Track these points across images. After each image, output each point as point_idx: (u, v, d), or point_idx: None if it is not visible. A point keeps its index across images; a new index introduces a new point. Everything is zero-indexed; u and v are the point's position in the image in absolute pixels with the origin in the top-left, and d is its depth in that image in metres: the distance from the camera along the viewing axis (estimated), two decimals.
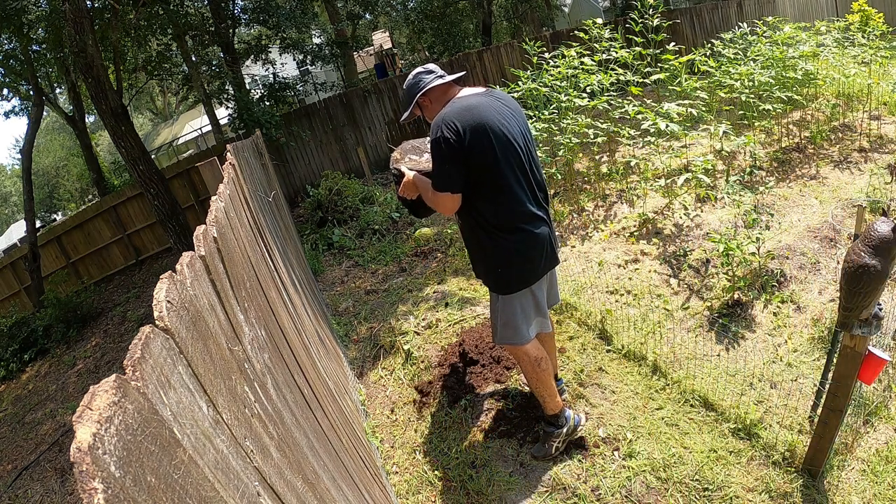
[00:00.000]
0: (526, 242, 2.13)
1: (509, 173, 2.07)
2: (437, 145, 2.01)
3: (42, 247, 9.57)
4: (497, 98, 2.18)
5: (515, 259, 2.14)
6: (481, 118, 2.02)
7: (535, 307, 2.28)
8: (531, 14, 15.62)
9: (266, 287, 1.78)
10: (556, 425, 2.44)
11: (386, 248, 5.79)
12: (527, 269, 2.17)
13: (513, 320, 2.24)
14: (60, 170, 28.56)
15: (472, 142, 1.99)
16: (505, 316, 2.25)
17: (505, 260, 2.15)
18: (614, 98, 5.77)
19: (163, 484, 0.56)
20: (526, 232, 2.13)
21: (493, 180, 2.06)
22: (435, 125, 2.04)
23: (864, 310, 1.80)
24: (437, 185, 2.09)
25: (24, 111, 13.30)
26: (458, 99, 2.15)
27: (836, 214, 4.16)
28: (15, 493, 4.45)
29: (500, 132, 2.04)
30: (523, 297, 2.22)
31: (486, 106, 2.07)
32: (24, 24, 8.15)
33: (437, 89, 2.20)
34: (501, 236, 2.12)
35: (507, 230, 2.11)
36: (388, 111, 9.77)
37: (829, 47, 6.48)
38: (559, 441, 2.44)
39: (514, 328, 2.25)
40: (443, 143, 1.99)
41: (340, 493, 1.46)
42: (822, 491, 2.18)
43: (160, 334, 0.70)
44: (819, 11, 13.22)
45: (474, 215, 2.15)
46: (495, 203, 2.09)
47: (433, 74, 2.21)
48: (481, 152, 2.01)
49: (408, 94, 2.25)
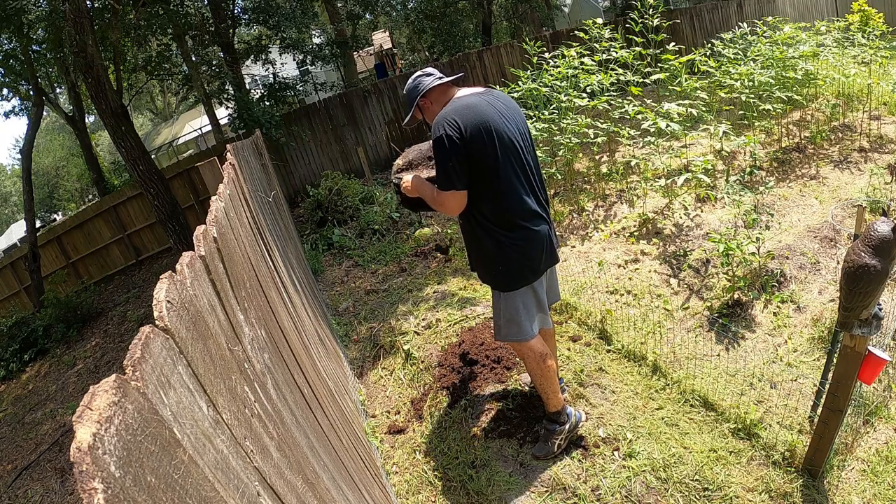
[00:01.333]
0: (526, 240, 2.14)
1: (510, 171, 2.09)
2: (440, 143, 2.01)
3: (42, 247, 9.57)
4: (496, 97, 2.19)
5: (516, 257, 2.15)
6: (482, 116, 2.03)
7: (537, 304, 2.30)
8: (531, 14, 15.61)
9: (266, 287, 1.78)
10: (558, 422, 2.45)
11: (386, 248, 5.79)
12: (527, 266, 2.18)
13: (515, 317, 2.25)
14: (60, 170, 28.56)
15: (473, 139, 2.00)
16: (507, 313, 2.26)
17: (505, 258, 2.16)
18: (614, 98, 5.77)
19: (163, 484, 0.56)
20: (526, 230, 2.14)
21: (493, 178, 2.07)
22: (436, 124, 2.05)
23: (864, 310, 1.80)
24: (441, 183, 2.08)
25: (24, 111, 13.30)
26: (457, 98, 2.17)
27: (836, 214, 4.16)
28: (15, 493, 4.45)
29: (500, 130, 2.05)
30: (525, 293, 2.24)
31: (485, 105, 2.09)
32: (24, 24, 8.15)
33: (436, 90, 2.23)
34: (502, 234, 2.13)
35: (508, 228, 2.12)
36: (388, 111, 9.77)
37: (829, 47, 6.48)
38: (561, 438, 2.45)
39: (517, 325, 2.26)
40: (445, 140, 1.99)
41: (340, 493, 1.46)
42: (822, 491, 2.18)
43: (160, 334, 0.70)
44: (819, 11, 13.22)
45: (474, 214, 2.15)
46: (496, 201, 2.10)
47: (432, 76, 2.24)
48: (482, 150, 2.02)
49: (408, 98, 2.28)
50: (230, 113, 9.12)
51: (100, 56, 5.97)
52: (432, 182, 2.20)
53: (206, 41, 9.98)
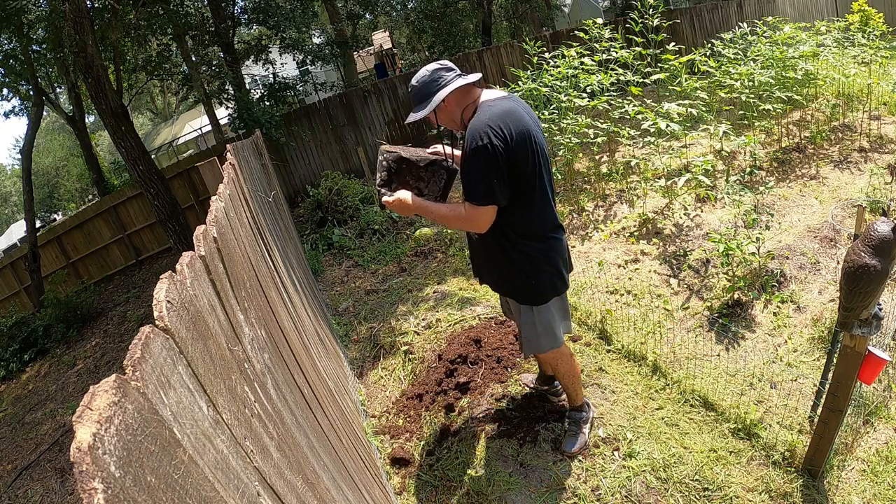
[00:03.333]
0: (556, 250, 2.10)
1: (544, 182, 2.01)
2: (483, 154, 1.84)
3: (42, 247, 9.57)
4: (523, 102, 2.09)
5: (547, 268, 2.08)
6: (524, 124, 1.90)
7: (565, 309, 2.27)
8: (531, 14, 15.62)
9: (266, 287, 1.78)
10: (584, 411, 2.53)
11: (386, 248, 5.79)
12: (557, 276, 2.12)
13: (551, 327, 2.20)
14: (60, 170, 28.56)
15: (517, 149, 1.87)
16: (542, 325, 2.19)
17: (538, 271, 2.07)
18: (614, 98, 5.77)
19: (163, 484, 0.56)
20: (554, 239, 2.10)
21: (529, 190, 1.96)
22: (477, 132, 1.86)
23: (864, 310, 1.80)
24: (478, 198, 1.89)
25: (24, 111, 13.29)
26: (490, 103, 1.98)
27: (836, 214, 4.16)
28: (15, 493, 4.45)
29: (537, 139, 1.95)
30: (555, 302, 2.19)
31: (521, 111, 1.96)
32: (24, 24, 8.15)
33: (461, 90, 2.01)
34: (532, 247, 2.04)
35: (539, 240, 2.05)
36: (388, 111, 9.77)
37: (829, 47, 6.48)
38: (588, 426, 2.52)
39: (553, 334, 2.21)
40: (490, 150, 1.83)
41: (340, 493, 1.46)
42: (822, 491, 2.18)
43: (160, 334, 0.70)
44: (819, 11, 13.22)
45: (503, 228, 2.02)
46: (529, 213, 2.01)
47: (453, 72, 2.00)
48: (525, 160, 1.90)
49: (423, 92, 1.99)
50: (230, 113, 9.12)
51: (100, 56, 5.97)
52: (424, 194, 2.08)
53: (206, 41, 9.98)
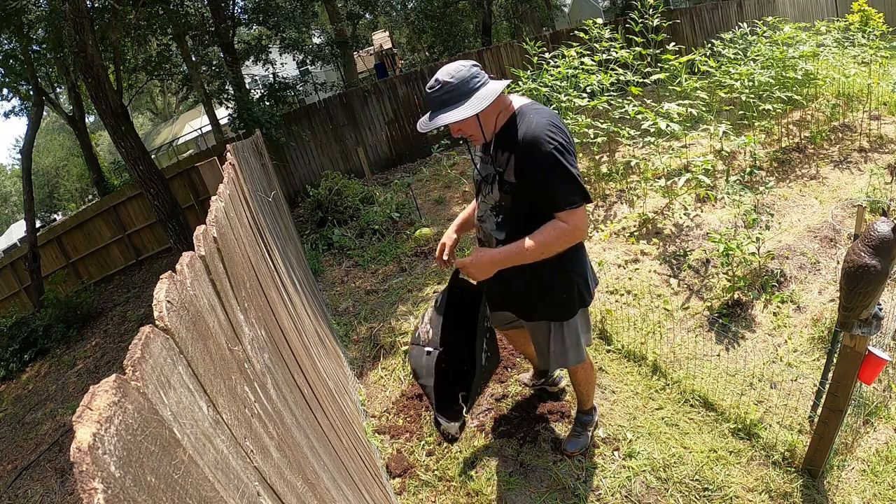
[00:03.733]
0: (583, 260, 2.04)
1: None
2: (561, 152, 1.74)
3: (42, 247, 9.57)
4: None
5: (577, 279, 2.01)
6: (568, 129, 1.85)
7: (588, 322, 2.21)
8: (531, 14, 15.63)
9: (266, 287, 1.78)
10: (593, 415, 2.55)
11: (386, 248, 5.79)
12: (584, 287, 2.04)
13: (578, 339, 2.12)
14: (60, 170, 28.57)
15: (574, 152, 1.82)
16: (571, 339, 2.10)
17: (569, 284, 1.99)
18: (614, 98, 5.77)
19: (163, 484, 0.56)
20: (583, 247, 2.06)
21: None
22: (545, 135, 1.75)
23: (864, 310, 1.80)
24: (575, 198, 1.75)
25: (24, 111, 13.29)
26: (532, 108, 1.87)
27: (836, 214, 4.16)
28: (15, 493, 4.45)
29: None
30: (583, 312, 2.13)
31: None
32: (24, 24, 8.15)
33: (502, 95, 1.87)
34: (565, 259, 1.93)
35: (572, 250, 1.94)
36: (388, 111, 9.77)
37: (829, 47, 6.48)
38: (592, 429, 2.53)
39: (579, 348, 2.14)
40: (564, 148, 1.75)
41: (340, 494, 1.46)
42: (822, 491, 2.18)
43: (160, 334, 0.70)
44: (819, 11, 13.22)
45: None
46: None
47: (487, 74, 1.85)
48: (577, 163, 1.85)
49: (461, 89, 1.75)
50: (230, 113, 9.12)
51: (100, 56, 5.97)
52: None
53: (206, 41, 9.98)
